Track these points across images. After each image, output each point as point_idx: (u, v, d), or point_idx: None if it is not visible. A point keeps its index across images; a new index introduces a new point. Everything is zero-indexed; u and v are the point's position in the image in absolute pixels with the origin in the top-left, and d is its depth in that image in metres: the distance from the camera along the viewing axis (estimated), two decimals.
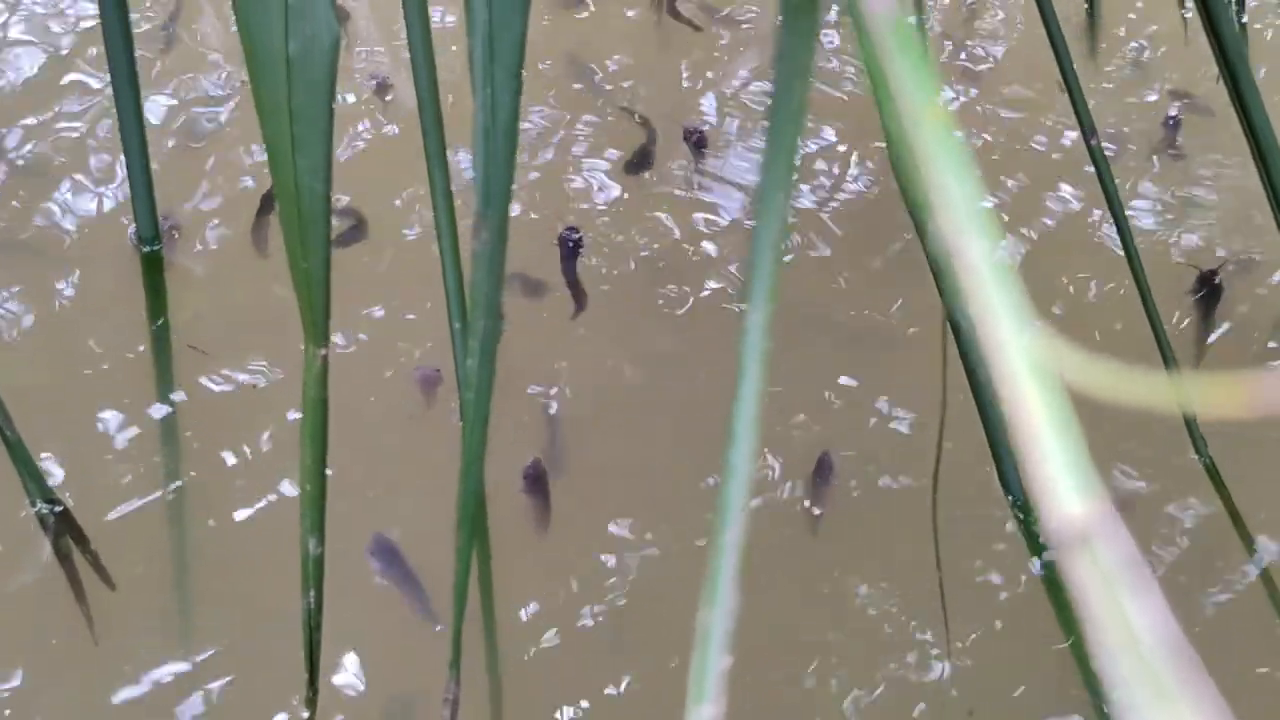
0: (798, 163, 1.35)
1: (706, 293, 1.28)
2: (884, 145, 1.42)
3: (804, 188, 1.40)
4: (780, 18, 0.31)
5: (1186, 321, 1.28)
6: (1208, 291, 1.30)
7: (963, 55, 1.60)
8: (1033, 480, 0.16)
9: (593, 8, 1.62)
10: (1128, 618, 0.15)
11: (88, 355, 1.17)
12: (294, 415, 1.13)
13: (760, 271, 0.27)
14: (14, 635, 0.98)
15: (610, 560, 1.07)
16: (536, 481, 1.12)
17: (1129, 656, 0.15)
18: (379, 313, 1.23)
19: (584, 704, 0.98)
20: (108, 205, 1.31)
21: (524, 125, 1.40)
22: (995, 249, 0.17)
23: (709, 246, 1.33)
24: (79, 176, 1.34)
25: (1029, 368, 0.16)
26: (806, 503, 1.11)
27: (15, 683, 0.96)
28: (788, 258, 1.31)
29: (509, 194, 0.60)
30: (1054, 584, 1.06)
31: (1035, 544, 1.09)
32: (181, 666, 0.96)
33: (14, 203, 1.31)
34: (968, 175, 0.18)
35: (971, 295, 0.17)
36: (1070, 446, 0.16)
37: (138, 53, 1.14)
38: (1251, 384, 0.17)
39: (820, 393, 1.19)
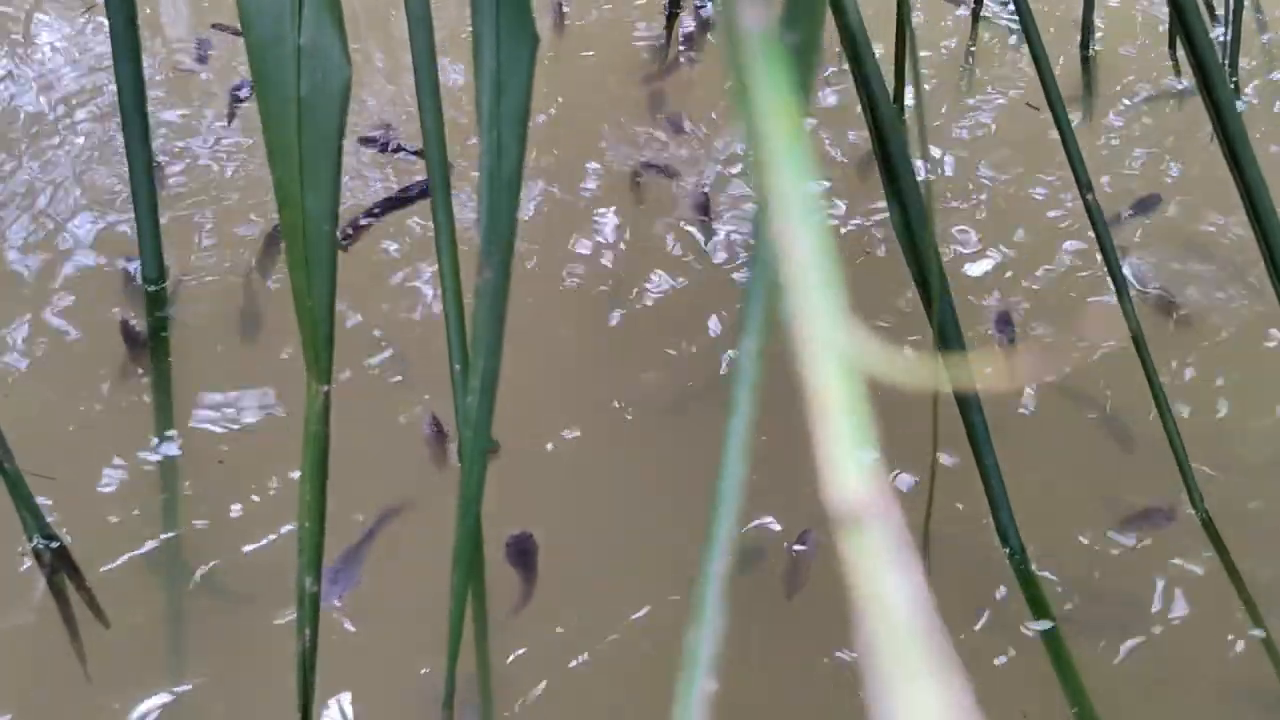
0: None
1: (706, 339, 1.29)
2: (882, 206, 1.43)
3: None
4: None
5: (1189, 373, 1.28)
6: None
7: (959, 119, 1.62)
8: (820, 461, 0.18)
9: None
10: (890, 600, 0.16)
11: (85, 396, 1.18)
12: (294, 458, 1.13)
13: (755, 300, 0.28)
14: (4, 674, 0.98)
15: (599, 603, 1.07)
16: (522, 555, 1.06)
17: (887, 638, 0.16)
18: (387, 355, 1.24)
19: None
20: (107, 245, 1.32)
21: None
22: (819, 248, 0.19)
23: (708, 298, 1.34)
24: (79, 216, 1.35)
25: (829, 353, 0.18)
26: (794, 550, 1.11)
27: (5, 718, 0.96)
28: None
29: (513, 235, 0.61)
30: (1056, 647, 1.05)
31: (1038, 603, 1.07)
32: (172, 703, 0.96)
33: (12, 242, 1.32)
34: (804, 177, 0.19)
35: (792, 287, 0.19)
36: (858, 430, 0.17)
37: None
38: (1011, 361, 0.18)
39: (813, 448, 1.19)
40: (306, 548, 0.70)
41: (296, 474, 1.10)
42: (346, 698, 0.96)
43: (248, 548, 1.07)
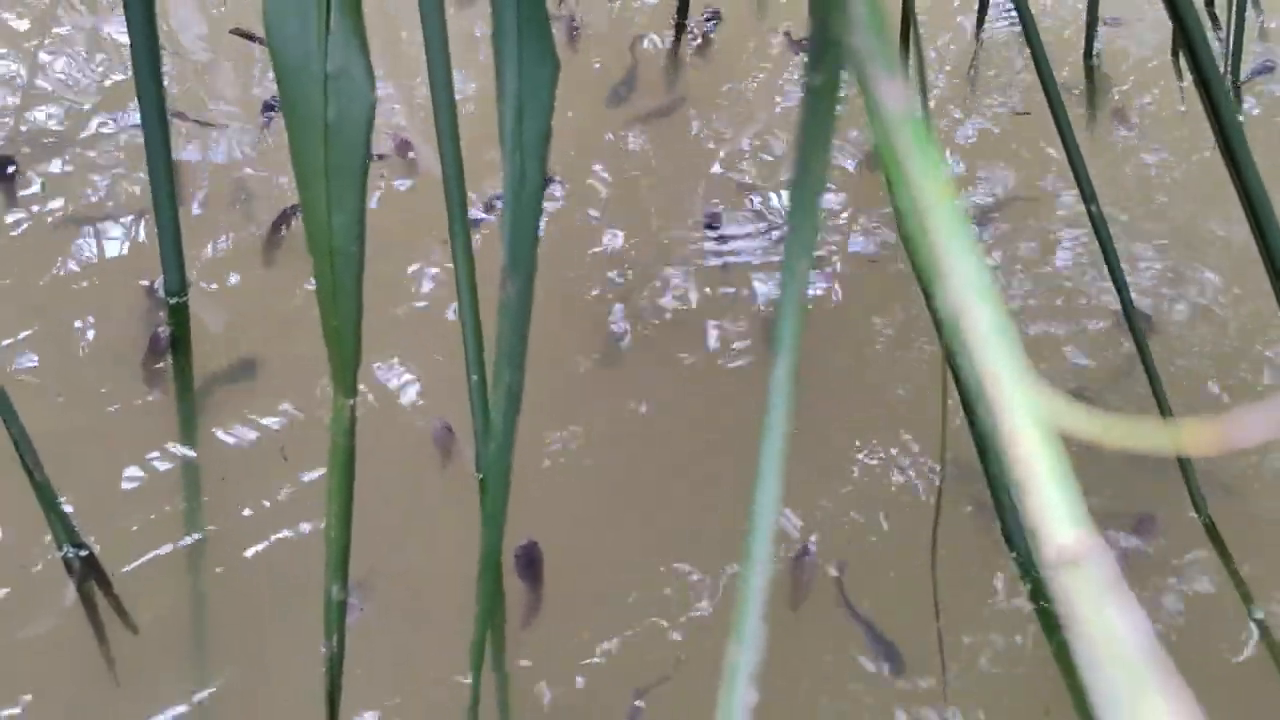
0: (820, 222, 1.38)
1: (713, 347, 1.31)
2: (888, 211, 1.45)
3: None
4: (803, 92, 0.34)
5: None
6: None
7: (965, 123, 1.64)
8: (1030, 513, 0.19)
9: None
10: (1112, 630, 0.18)
11: (108, 403, 1.20)
12: (312, 466, 1.15)
13: (787, 322, 0.30)
14: (33, 678, 0.99)
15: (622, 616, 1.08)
16: (530, 566, 1.06)
17: (1113, 663, 0.17)
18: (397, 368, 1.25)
19: None
20: (126, 253, 1.34)
21: None
22: (997, 315, 0.20)
23: (726, 318, 1.36)
24: (101, 226, 1.37)
25: (1026, 416, 0.19)
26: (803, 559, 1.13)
27: None
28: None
29: (535, 253, 0.63)
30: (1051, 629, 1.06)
31: (1039, 595, 1.09)
32: (199, 710, 0.97)
33: (34, 250, 1.34)
34: (972, 246, 0.21)
35: (976, 352, 0.20)
36: (1062, 483, 0.19)
37: None
38: (1223, 424, 0.20)
39: (825, 453, 1.21)
40: (333, 555, 0.72)
41: (310, 478, 1.12)
42: (372, 716, 0.98)
43: (267, 553, 1.08)
